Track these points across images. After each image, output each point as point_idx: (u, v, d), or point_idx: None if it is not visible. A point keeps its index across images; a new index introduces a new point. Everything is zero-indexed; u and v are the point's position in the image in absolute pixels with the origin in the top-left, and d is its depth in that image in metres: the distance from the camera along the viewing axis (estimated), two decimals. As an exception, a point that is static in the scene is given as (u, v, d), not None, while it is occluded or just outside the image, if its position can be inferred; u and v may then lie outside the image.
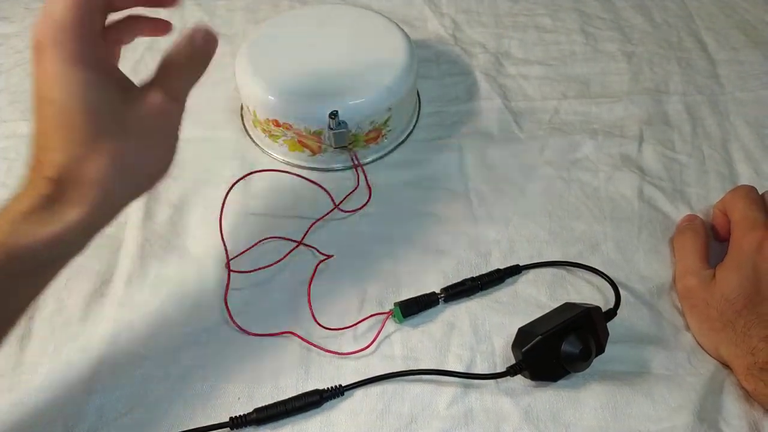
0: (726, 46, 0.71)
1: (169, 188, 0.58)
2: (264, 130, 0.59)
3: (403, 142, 0.61)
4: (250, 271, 0.52)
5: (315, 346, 0.48)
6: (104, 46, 0.36)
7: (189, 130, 0.60)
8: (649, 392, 0.46)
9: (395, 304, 0.49)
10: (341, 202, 0.56)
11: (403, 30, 0.61)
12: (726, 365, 0.48)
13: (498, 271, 0.51)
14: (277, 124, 0.57)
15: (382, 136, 0.59)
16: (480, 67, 0.68)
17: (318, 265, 0.52)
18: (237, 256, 0.52)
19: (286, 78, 0.57)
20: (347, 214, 0.56)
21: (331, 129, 0.54)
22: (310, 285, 0.51)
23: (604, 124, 0.63)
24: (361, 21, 0.62)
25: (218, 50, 0.67)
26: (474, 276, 0.51)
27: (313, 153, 0.58)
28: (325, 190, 0.57)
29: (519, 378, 0.46)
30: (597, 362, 0.45)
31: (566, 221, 0.56)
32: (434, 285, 0.51)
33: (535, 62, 0.69)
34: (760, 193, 0.52)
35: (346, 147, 0.57)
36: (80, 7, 0.33)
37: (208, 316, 0.50)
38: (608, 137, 0.62)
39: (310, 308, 0.49)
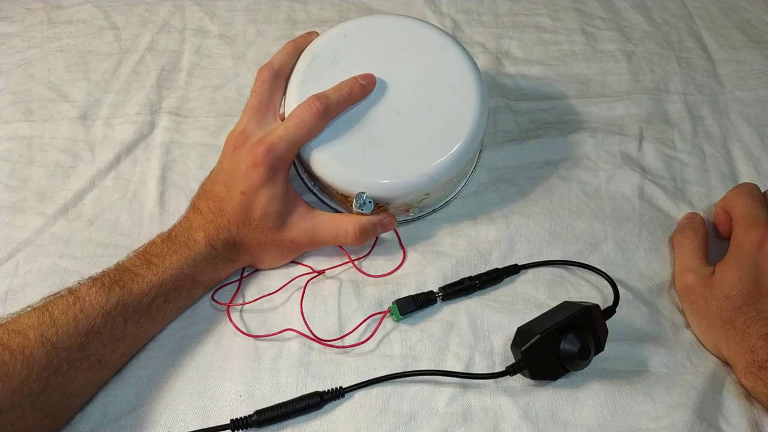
0: (726, 45, 0.71)
1: (176, 194, 0.57)
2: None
3: (437, 210, 0.56)
4: (256, 299, 0.51)
5: (314, 340, 0.48)
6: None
7: (189, 135, 0.61)
8: (648, 390, 0.46)
9: (393, 301, 0.50)
10: (358, 259, 0.53)
11: (482, 85, 0.54)
12: (726, 362, 0.48)
13: (496, 270, 0.51)
14: (307, 171, 0.53)
15: (413, 209, 0.54)
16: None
17: (307, 283, 0.51)
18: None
19: (325, 134, 0.50)
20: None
21: (355, 208, 0.50)
22: (302, 300, 0.50)
23: (605, 123, 0.63)
24: (436, 64, 0.53)
25: (219, 53, 0.69)
26: (472, 275, 0.51)
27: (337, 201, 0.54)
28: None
29: (518, 377, 0.46)
30: (596, 361, 0.46)
31: (566, 220, 0.56)
32: (433, 284, 0.51)
33: (535, 62, 0.69)
34: (762, 191, 0.53)
35: None
36: (297, 147, 0.49)
37: (209, 317, 0.50)
38: (608, 136, 0.62)
39: (305, 321, 0.49)
